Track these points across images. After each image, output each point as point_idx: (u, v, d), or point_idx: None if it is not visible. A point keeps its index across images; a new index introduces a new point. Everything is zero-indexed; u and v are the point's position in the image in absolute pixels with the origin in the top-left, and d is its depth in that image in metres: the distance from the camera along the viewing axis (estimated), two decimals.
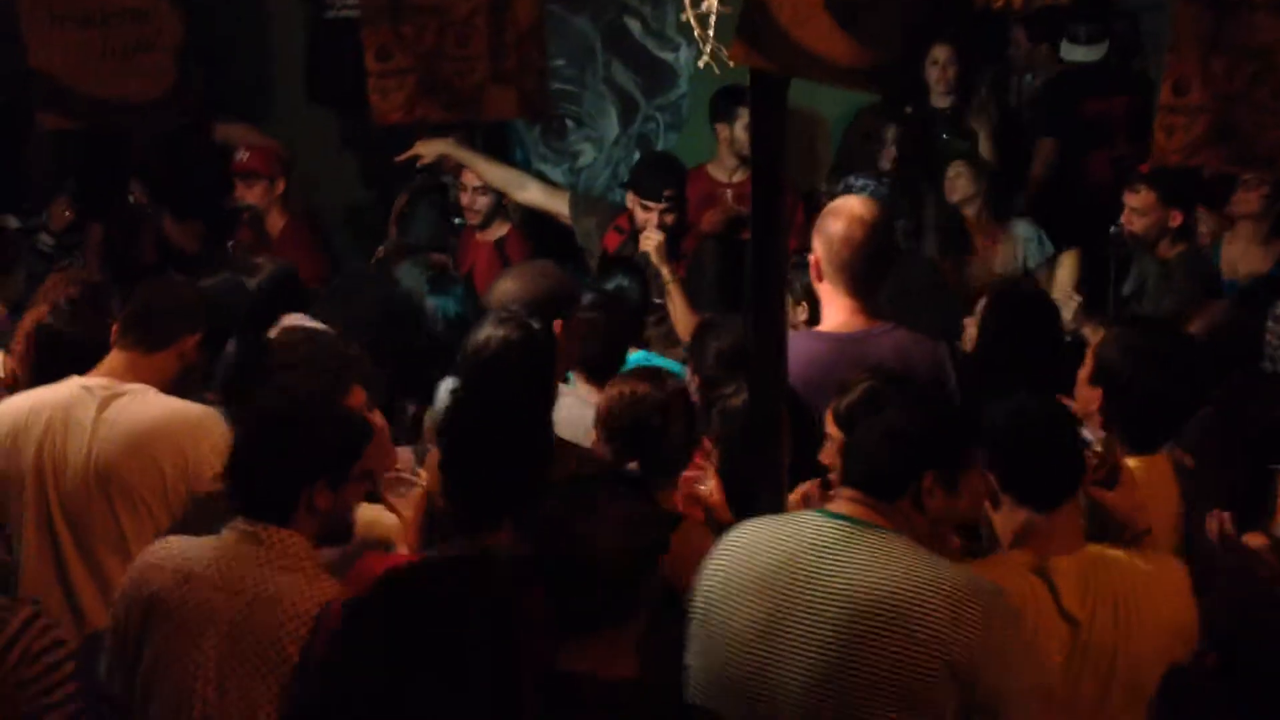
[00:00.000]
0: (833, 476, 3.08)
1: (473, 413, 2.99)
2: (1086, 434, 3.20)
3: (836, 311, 3.78)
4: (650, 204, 5.44)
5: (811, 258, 3.81)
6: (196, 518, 3.16)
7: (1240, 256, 5.58)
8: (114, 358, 3.48)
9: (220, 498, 2.95)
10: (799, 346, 3.69)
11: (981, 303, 4.28)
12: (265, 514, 2.80)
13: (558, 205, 5.77)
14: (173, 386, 3.45)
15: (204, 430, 3.36)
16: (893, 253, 3.90)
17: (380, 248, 5.66)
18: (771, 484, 3.07)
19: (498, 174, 5.85)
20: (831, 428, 3.19)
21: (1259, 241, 5.59)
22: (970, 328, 4.29)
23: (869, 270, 3.75)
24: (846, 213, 3.78)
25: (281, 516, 2.79)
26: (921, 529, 2.65)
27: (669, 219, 5.41)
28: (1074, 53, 6.55)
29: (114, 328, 3.52)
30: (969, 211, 5.93)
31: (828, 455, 3.18)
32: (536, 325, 3.53)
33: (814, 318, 4.12)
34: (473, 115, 3.58)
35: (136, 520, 3.30)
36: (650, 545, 2.41)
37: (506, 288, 3.97)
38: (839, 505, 2.69)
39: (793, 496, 3.17)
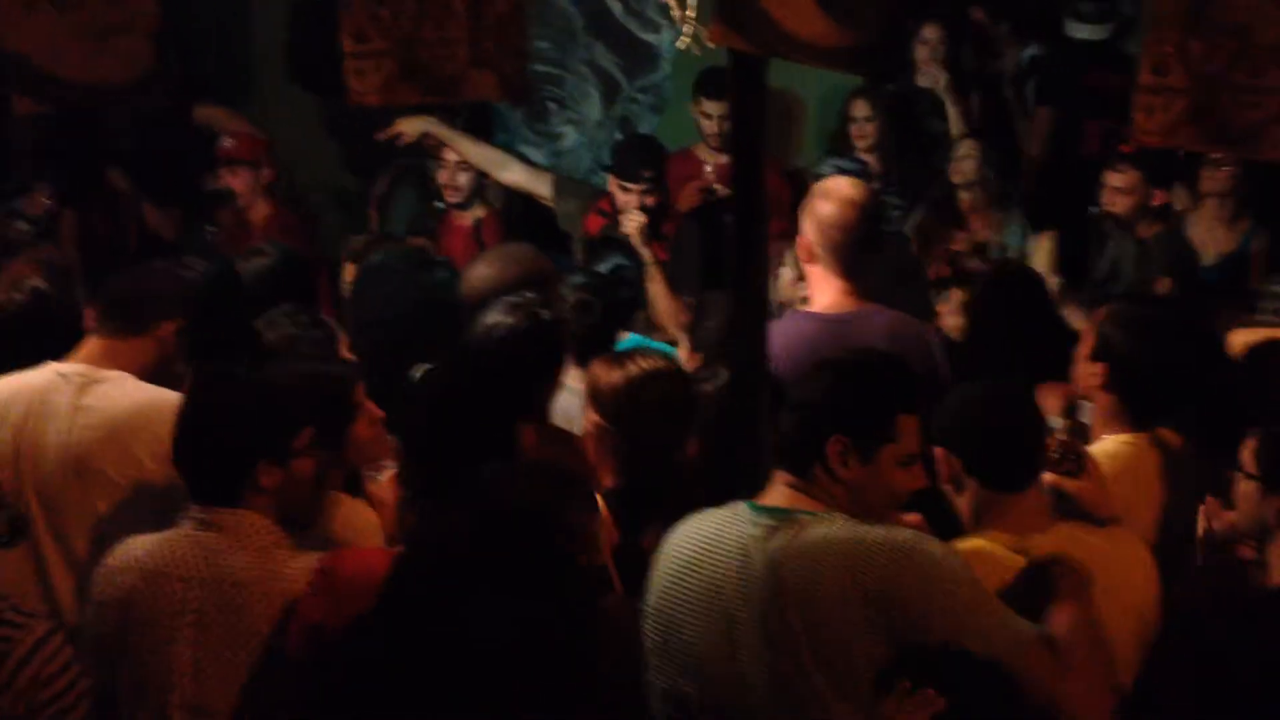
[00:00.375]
0: None
1: (454, 399, 2.94)
2: (1053, 421, 3.18)
3: (826, 292, 3.77)
4: (629, 185, 5.43)
5: (801, 239, 3.80)
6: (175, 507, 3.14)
7: (1208, 236, 5.61)
8: (91, 344, 3.45)
9: None
10: (789, 326, 3.71)
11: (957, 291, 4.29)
12: (215, 498, 2.79)
13: (540, 187, 5.75)
14: (151, 374, 3.43)
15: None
16: (882, 235, 3.89)
17: (355, 239, 5.58)
18: (752, 464, 3.07)
19: (480, 153, 5.83)
20: None
21: (1225, 220, 5.62)
22: (946, 312, 4.29)
23: (859, 252, 3.74)
24: (837, 195, 3.76)
25: (231, 498, 2.78)
26: (843, 504, 2.55)
27: (649, 200, 5.39)
28: (1079, 30, 6.54)
29: (89, 313, 3.49)
30: (966, 195, 5.92)
31: None
32: (546, 315, 3.45)
33: None
34: (452, 98, 3.57)
35: (114, 509, 3.27)
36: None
37: (482, 273, 3.94)
38: (769, 494, 2.63)
39: None
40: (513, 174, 5.79)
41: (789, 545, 2.49)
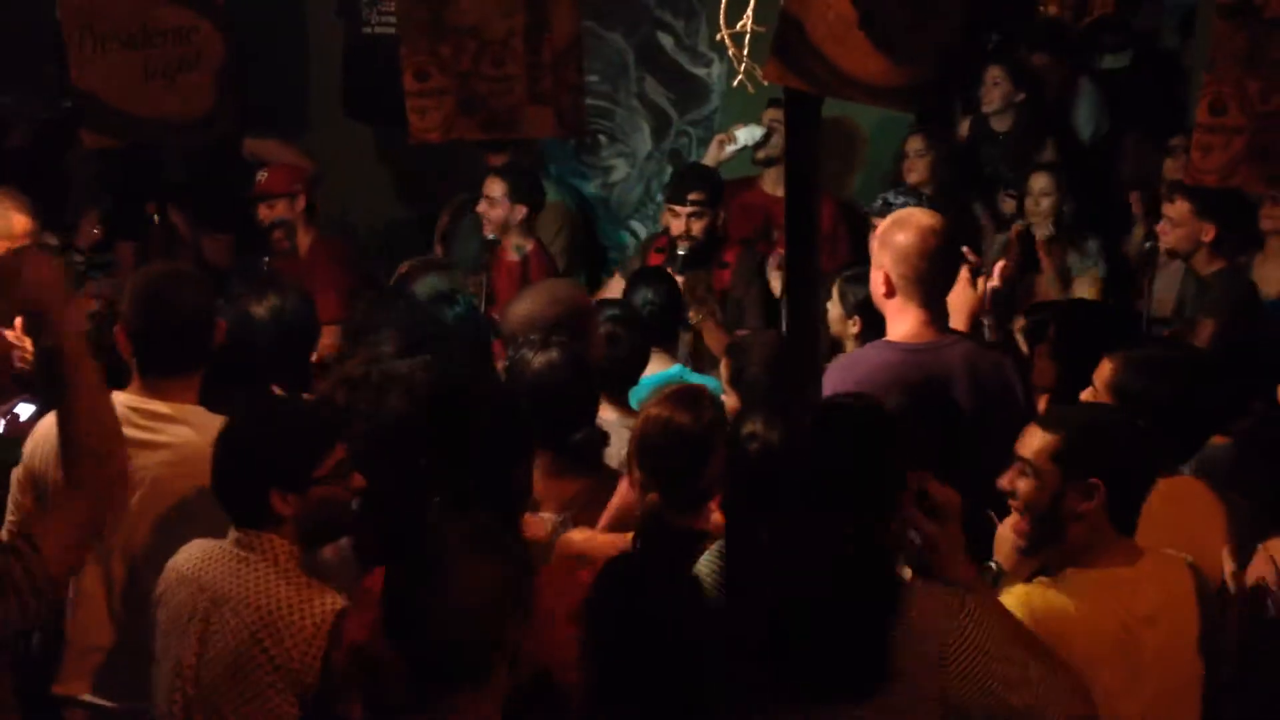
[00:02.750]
0: None
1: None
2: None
3: (906, 323, 3.71)
4: (675, 208, 5.48)
5: (877, 274, 3.74)
6: None
7: (1274, 274, 5.55)
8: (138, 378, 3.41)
9: None
10: (870, 356, 3.70)
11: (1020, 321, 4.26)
12: (244, 520, 2.92)
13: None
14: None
15: None
16: (958, 263, 3.88)
17: (403, 264, 5.62)
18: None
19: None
20: None
21: None
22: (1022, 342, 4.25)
23: (941, 280, 3.72)
24: (915, 224, 3.72)
25: (257, 522, 2.90)
26: None
27: (695, 225, 5.42)
28: (1106, 60, 6.83)
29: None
30: (1040, 233, 5.93)
31: None
32: (580, 351, 3.46)
33: (868, 332, 4.10)
34: (510, 134, 3.61)
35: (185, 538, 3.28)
36: (503, 603, 2.36)
37: (520, 311, 3.92)
38: None
39: None
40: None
41: None
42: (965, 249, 3.93)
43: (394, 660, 2.42)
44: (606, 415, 3.74)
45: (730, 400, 4.07)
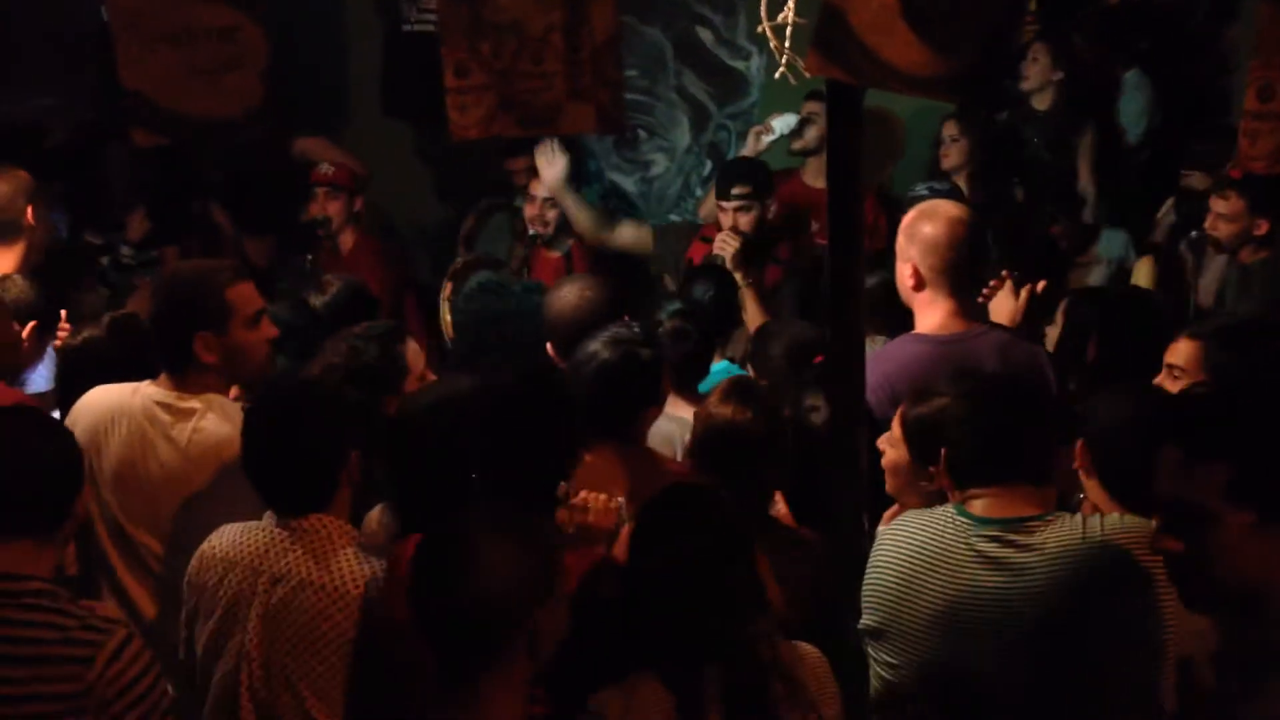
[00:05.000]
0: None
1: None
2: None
3: (935, 314, 3.71)
4: (723, 204, 5.45)
5: (905, 267, 3.73)
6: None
7: None
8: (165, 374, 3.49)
9: None
10: (901, 350, 3.69)
11: (1061, 307, 4.24)
12: (287, 505, 2.96)
13: (645, 242, 5.86)
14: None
15: None
16: (987, 253, 3.85)
17: (456, 260, 5.73)
18: (852, 494, 3.06)
19: (587, 218, 5.90)
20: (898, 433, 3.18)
21: None
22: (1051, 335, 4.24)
23: (970, 270, 3.70)
24: (943, 215, 3.71)
25: (313, 505, 2.94)
26: None
27: (742, 220, 5.39)
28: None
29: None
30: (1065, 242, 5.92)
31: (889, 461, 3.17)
32: (645, 353, 3.42)
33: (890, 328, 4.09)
34: (550, 131, 3.62)
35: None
36: (531, 590, 2.37)
37: (565, 300, 3.91)
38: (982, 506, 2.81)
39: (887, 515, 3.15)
40: (621, 236, 5.87)
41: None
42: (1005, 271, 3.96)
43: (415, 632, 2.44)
44: (680, 412, 3.74)
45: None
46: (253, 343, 3.45)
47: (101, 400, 3.47)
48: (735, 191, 5.43)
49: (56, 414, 3.62)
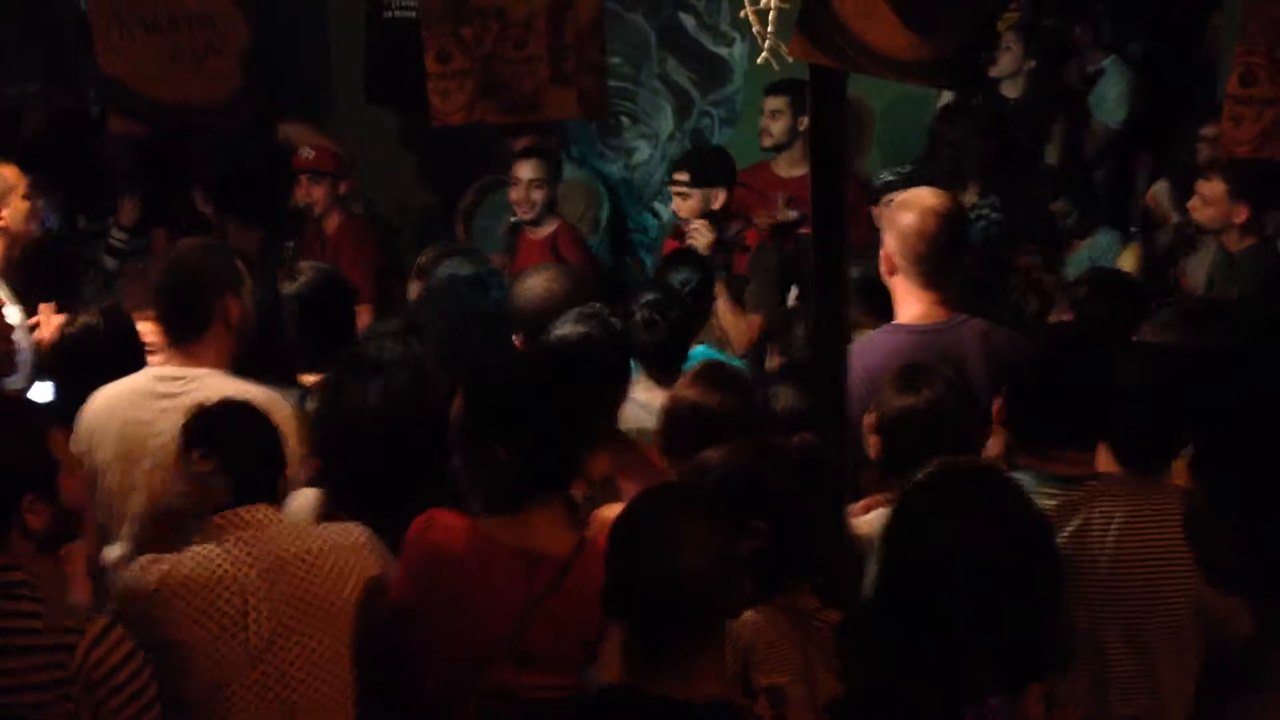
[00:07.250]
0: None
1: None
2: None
3: (913, 304, 3.72)
4: (678, 190, 5.61)
5: (883, 252, 3.75)
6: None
7: None
8: (170, 348, 3.53)
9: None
10: (880, 341, 3.68)
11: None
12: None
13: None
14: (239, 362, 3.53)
15: (270, 414, 3.38)
16: (966, 243, 3.84)
17: (425, 252, 5.62)
18: (838, 473, 3.07)
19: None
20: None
21: None
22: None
23: (944, 261, 3.69)
24: (918, 205, 3.72)
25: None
26: None
27: (682, 207, 5.58)
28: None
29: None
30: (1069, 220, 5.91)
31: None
32: (617, 324, 3.47)
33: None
34: (532, 116, 3.60)
35: None
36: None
37: (530, 287, 3.94)
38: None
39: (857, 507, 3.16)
40: None
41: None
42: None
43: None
44: (653, 397, 3.74)
45: (772, 361, 4.20)
46: (250, 312, 3.57)
47: (106, 394, 3.51)
48: (675, 177, 5.63)
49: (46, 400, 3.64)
